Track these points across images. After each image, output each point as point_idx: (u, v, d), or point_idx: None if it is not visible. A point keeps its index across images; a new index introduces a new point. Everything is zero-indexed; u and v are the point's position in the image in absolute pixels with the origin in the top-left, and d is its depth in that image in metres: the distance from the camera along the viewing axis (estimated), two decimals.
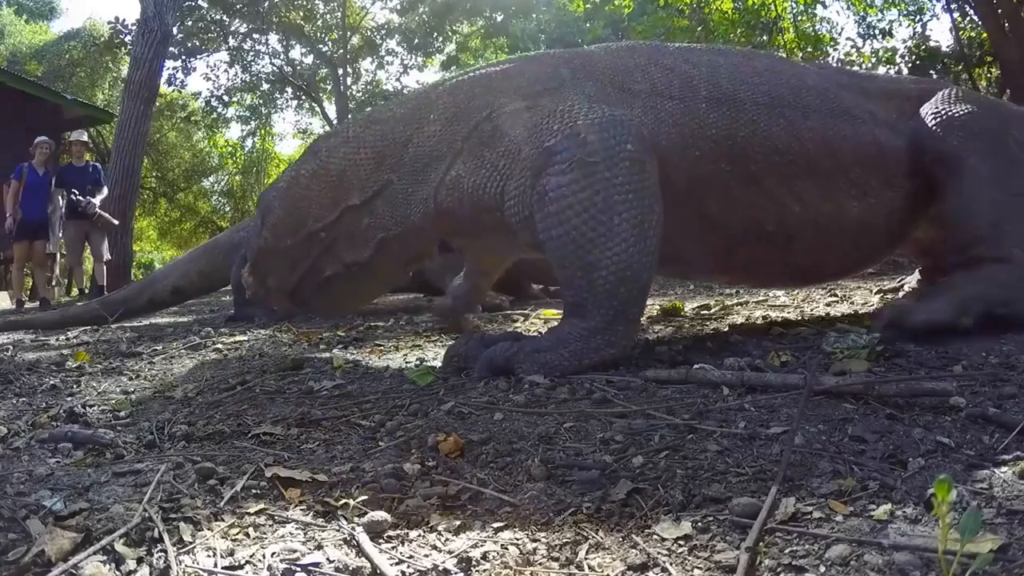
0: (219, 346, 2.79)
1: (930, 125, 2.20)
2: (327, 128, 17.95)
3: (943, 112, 2.22)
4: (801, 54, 9.71)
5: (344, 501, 1.06)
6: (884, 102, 2.32)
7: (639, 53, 2.18)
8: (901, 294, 2.94)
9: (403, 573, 0.86)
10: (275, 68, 19.14)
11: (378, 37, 19.12)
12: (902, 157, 2.22)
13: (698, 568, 0.83)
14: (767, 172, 2.03)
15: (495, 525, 0.97)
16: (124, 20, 15.68)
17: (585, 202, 1.71)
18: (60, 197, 6.72)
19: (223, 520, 1.02)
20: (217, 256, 4.09)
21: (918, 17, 12.46)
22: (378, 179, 2.14)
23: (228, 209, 22.16)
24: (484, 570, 0.86)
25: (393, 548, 0.92)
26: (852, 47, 12.92)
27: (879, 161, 2.18)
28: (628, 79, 2.06)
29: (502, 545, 0.91)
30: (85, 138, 7.68)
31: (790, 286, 3.30)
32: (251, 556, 0.91)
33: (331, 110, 19.14)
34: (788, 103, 2.13)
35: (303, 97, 20.29)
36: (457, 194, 1.97)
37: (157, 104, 11.99)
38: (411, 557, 0.89)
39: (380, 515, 0.99)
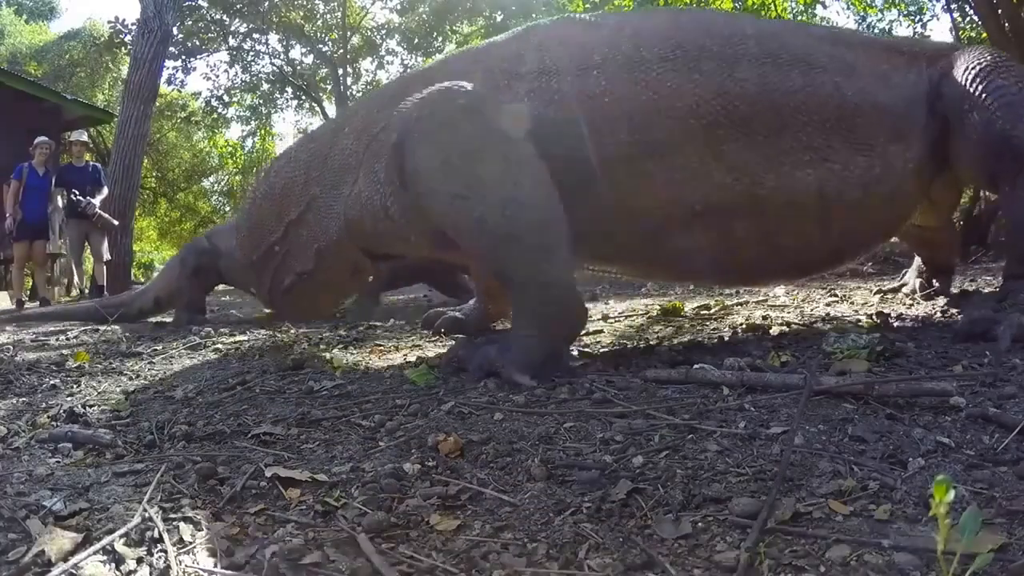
0: (219, 346, 2.79)
1: (968, 76, 1.93)
2: None
3: (988, 63, 1.95)
4: None
5: (344, 501, 1.07)
6: (874, 52, 2.04)
7: (537, 32, 2.04)
8: (903, 292, 2.93)
9: (403, 573, 0.86)
10: (275, 68, 19.14)
11: (378, 37, 19.12)
12: (897, 113, 1.94)
13: (698, 568, 0.83)
14: (683, 139, 1.77)
15: (495, 525, 0.97)
16: (124, 20, 15.68)
17: (448, 161, 1.69)
18: (60, 197, 6.72)
19: (223, 520, 1.02)
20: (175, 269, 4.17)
21: (918, 17, 12.46)
22: (307, 193, 2.19)
23: (228, 209, 22.15)
24: (484, 570, 0.86)
25: (393, 548, 0.92)
26: None
27: (852, 118, 1.88)
28: (517, 63, 1.92)
29: (502, 545, 0.91)
30: (85, 138, 7.68)
31: (750, 282, 2.79)
32: (251, 556, 0.91)
33: (331, 110, 19.13)
34: (710, 54, 1.84)
35: (303, 97, 20.29)
36: (358, 207, 1.98)
37: (157, 104, 11.99)
38: (411, 557, 0.89)
39: (380, 515, 1.00)
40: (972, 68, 1.98)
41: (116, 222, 7.40)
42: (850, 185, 1.86)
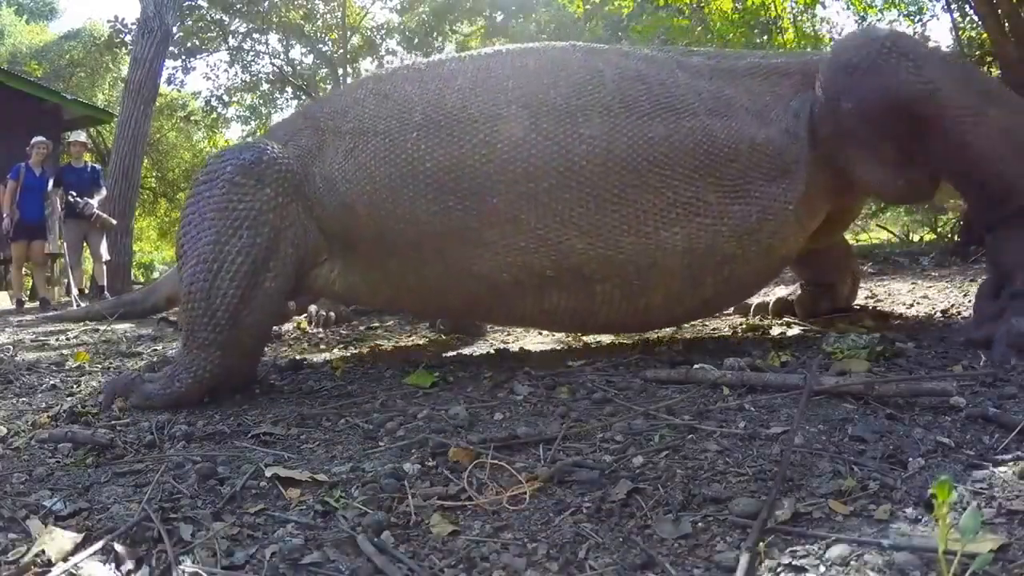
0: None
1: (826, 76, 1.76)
2: None
3: (895, 51, 1.73)
4: None
5: (344, 501, 1.07)
6: (758, 81, 1.89)
7: (368, 83, 1.91)
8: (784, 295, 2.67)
9: (403, 574, 0.86)
10: (275, 68, 19.14)
11: (378, 37, 19.11)
12: (776, 149, 1.77)
13: (698, 568, 0.83)
14: (522, 206, 1.62)
15: (495, 525, 0.97)
16: (123, 19, 15.69)
17: (185, 221, 1.66)
18: (58, 197, 6.72)
19: (223, 520, 1.02)
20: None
21: (918, 17, 12.45)
22: None
23: None
24: (484, 570, 0.86)
25: (393, 548, 0.92)
26: None
27: (725, 164, 1.71)
28: (342, 120, 1.82)
29: (502, 545, 0.91)
30: (84, 138, 7.68)
31: (621, 333, 2.35)
32: (251, 556, 0.91)
33: None
34: (551, 108, 1.67)
35: (303, 97, 20.29)
36: None
37: (157, 104, 11.98)
38: (411, 557, 0.89)
39: (380, 515, 1.00)
40: (829, 66, 1.82)
41: (115, 222, 7.40)
42: (723, 238, 1.71)
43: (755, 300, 2.75)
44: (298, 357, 2.33)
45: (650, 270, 1.69)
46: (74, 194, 6.59)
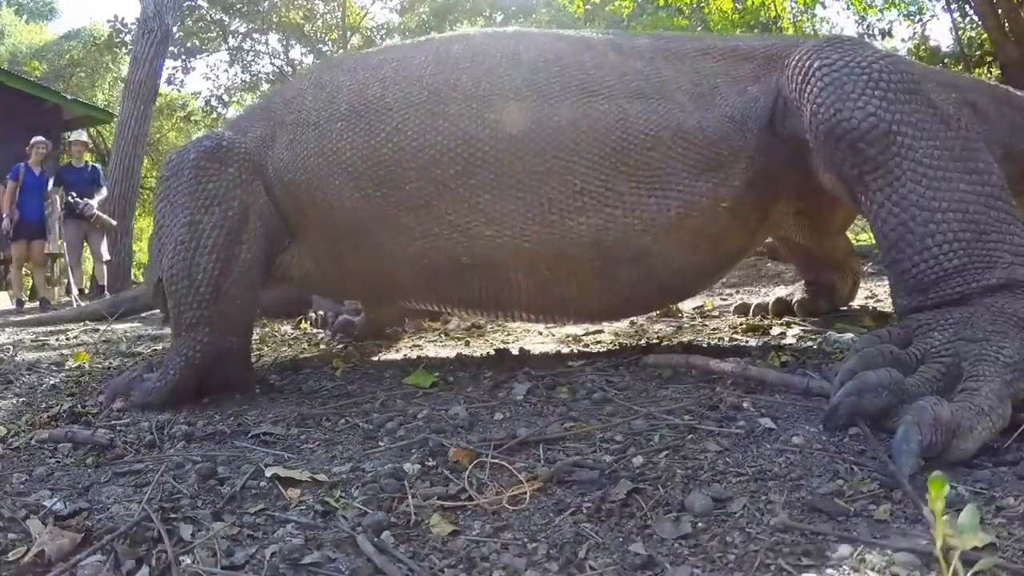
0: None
1: (813, 85, 1.48)
2: None
3: (816, 45, 1.53)
4: None
5: (344, 501, 1.07)
6: (709, 63, 1.73)
7: (310, 74, 1.96)
8: (774, 296, 2.63)
9: (403, 574, 0.86)
10: (275, 68, 19.14)
11: (378, 37, 19.12)
12: (713, 138, 1.63)
13: (698, 568, 0.83)
14: (434, 192, 1.63)
15: (495, 525, 0.97)
16: (123, 19, 15.70)
17: (158, 213, 1.73)
18: (58, 197, 6.73)
19: (223, 520, 1.02)
20: None
21: (918, 17, 12.47)
22: None
23: None
24: (484, 570, 0.86)
25: (393, 548, 0.92)
26: None
27: (642, 152, 1.60)
28: (287, 110, 1.86)
29: (502, 545, 0.91)
30: (85, 138, 7.69)
31: (548, 323, 2.33)
32: (251, 556, 0.91)
33: None
34: (460, 94, 1.65)
35: None
36: None
37: (157, 104, 11.99)
38: (411, 557, 0.89)
39: (380, 515, 1.00)
40: (800, 56, 1.56)
41: (115, 223, 7.41)
42: (635, 232, 1.61)
43: (755, 300, 2.75)
44: (298, 357, 2.33)
45: (558, 261, 1.64)
46: (74, 194, 6.59)
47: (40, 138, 6.88)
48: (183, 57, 17.02)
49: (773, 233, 2.27)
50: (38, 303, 6.50)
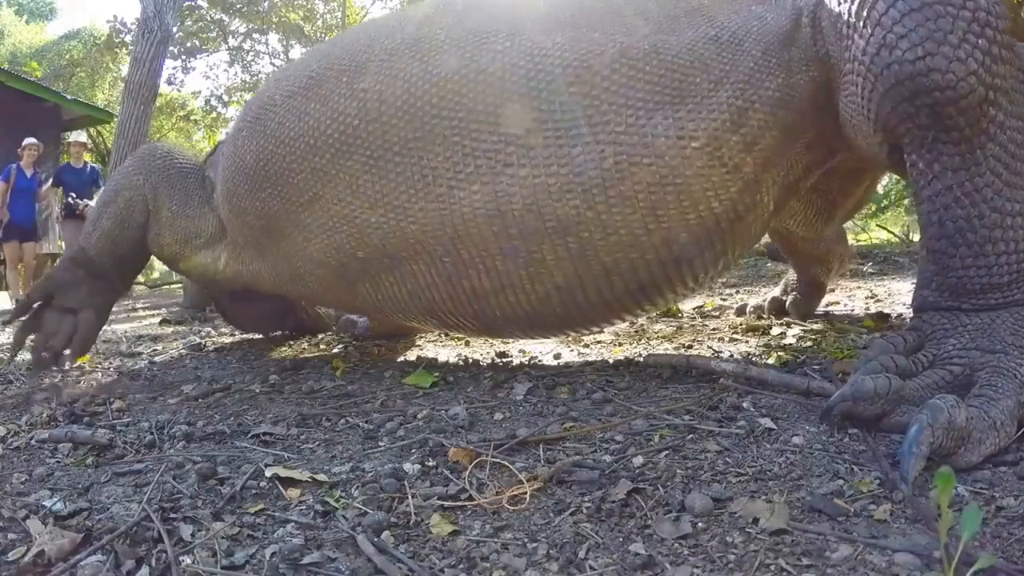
0: (219, 346, 2.79)
1: (891, 6, 1.12)
2: None
3: None
4: None
5: (344, 501, 1.07)
6: None
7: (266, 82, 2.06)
8: (768, 299, 2.54)
9: (403, 574, 0.86)
10: (275, 68, 19.15)
11: None
12: (677, 64, 1.30)
13: (698, 568, 0.83)
14: (319, 181, 1.49)
15: (495, 525, 0.97)
16: (123, 19, 15.71)
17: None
18: (56, 197, 6.75)
19: (223, 520, 1.02)
20: None
21: None
22: None
23: None
24: (484, 570, 0.86)
25: (393, 548, 0.92)
26: None
27: (556, 96, 1.30)
28: (231, 126, 2.08)
29: (502, 545, 0.91)
30: (84, 139, 7.70)
31: (488, 333, 1.90)
32: (251, 556, 0.91)
33: None
34: (338, 69, 1.47)
35: None
36: None
37: (157, 104, 11.98)
38: (411, 557, 0.89)
39: (380, 515, 1.00)
40: None
41: None
42: (552, 195, 1.29)
43: (756, 300, 2.74)
44: (298, 357, 2.33)
45: (454, 243, 1.37)
46: (73, 195, 6.60)
47: (31, 140, 6.89)
48: (183, 57, 17.02)
49: (793, 210, 1.81)
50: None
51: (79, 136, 7.70)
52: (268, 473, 1.17)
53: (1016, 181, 1.13)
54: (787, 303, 2.46)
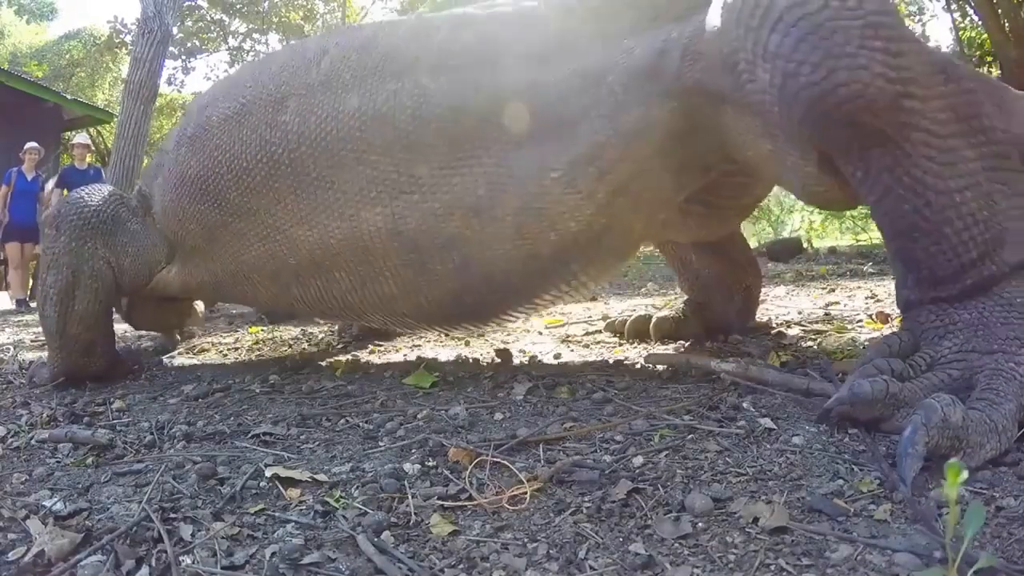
0: (219, 346, 2.79)
1: (784, 35, 1.13)
2: None
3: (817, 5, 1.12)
4: None
5: (344, 501, 1.07)
6: (569, 20, 1.46)
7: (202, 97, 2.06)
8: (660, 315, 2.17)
9: (403, 574, 0.86)
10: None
11: None
12: (544, 100, 1.40)
13: (698, 568, 0.83)
14: (252, 197, 1.67)
15: (495, 525, 0.97)
16: (123, 20, 15.71)
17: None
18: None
19: (223, 520, 1.02)
20: None
21: (918, 17, 12.47)
22: None
23: None
24: (484, 570, 0.86)
25: (393, 548, 0.92)
26: None
27: (444, 130, 1.45)
28: (167, 142, 2.00)
29: (502, 545, 0.91)
30: (87, 140, 7.74)
31: (397, 326, 2.02)
32: (251, 556, 0.91)
33: None
34: (261, 101, 1.64)
35: None
36: None
37: (157, 104, 11.98)
38: (411, 557, 0.89)
39: (380, 515, 1.00)
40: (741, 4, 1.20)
41: None
42: (436, 217, 1.48)
43: (619, 317, 2.42)
44: (298, 357, 2.33)
45: (366, 255, 1.57)
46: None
47: (33, 144, 7.04)
48: (183, 57, 17.02)
49: (669, 222, 1.73)
50: (14, 303, 6.57)
51: (82, 138, 7.72)
52: (268, 473, 1.17)
53: (950, 157, 1.13)
54: (652, 322, 2.13)
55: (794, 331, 2.22)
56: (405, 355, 2.34)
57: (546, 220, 1.43)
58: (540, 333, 2.66)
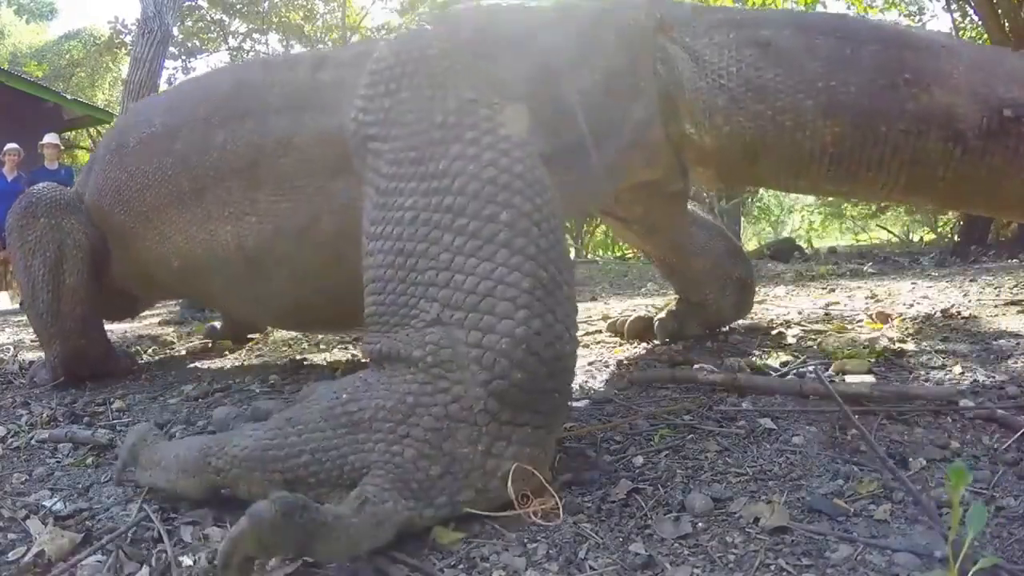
0: (219, 346, 2.79)
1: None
2: None
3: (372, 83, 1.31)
4: None
5: None
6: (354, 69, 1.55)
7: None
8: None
9: (403, 574, 0.86)
10: None
11: (378, 37, 19.12)
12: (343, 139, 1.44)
13: (698, 568, 0.83)
14: (147, 208, 1.92)
15: (495, 525, 0.97)
16: (123, 20, 15.71)
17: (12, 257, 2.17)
18: None
19: (223, 520, 1.02)
20: None
21: (918, 17, 12.47)
22: None
23: None
24: (484, 570, 0.86)
25: (395, 549, 0.92)
26: None
27: (276, 161, 1.66)
28: (100, 148, 2.19)
29: (502, 545, 0.91)
30: (56, 141, 7.75)
31: (269, 324, 2.52)
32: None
33: None
34: (164, 132, 1.89)
35: None
36: None
37: None
38: (412, 557, 0.89)
39: None
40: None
41: None
42: (267, 237, 1.67)
43: (620, 317, 2.42)
44: (298, 357, 2.33)
45: (227, 264, 1.78)
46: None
47: (13, 145, 7.08)
48: (183, 57, 17.00)
49: None
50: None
51: (51, 138, 7.73)
52: None
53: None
54: (655, 323, 2.16)
55: (794, 331, 2.22)
56: None
57: (353, 247, 1.49)
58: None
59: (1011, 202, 1.49)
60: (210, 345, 2.76)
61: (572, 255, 12.74)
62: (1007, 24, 6.84)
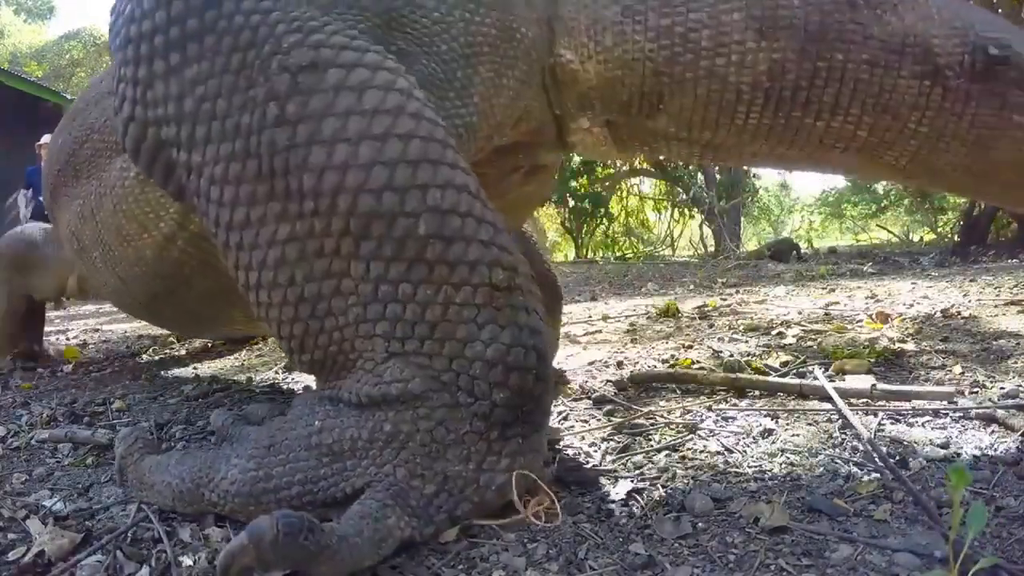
0: (218, 345, 2.79)
1: None
2: None
3: None
4: None
5: None
6: None
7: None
8: None
9: (403, 574, 0.86)
10: None
11: None
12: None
13: (698, 568, 0.83)
14: (80, 223, 1.83)
15: (495, 525, 0.97)
16: None
17: None
18: (24, 199, 6.84)
19: (223, 520, 1.02)
20: None
21: None
22: None
23: None
24: (484, 570, 0.86)
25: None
26: None
27: (82, 146, 1.73)
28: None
29: (502, 545, 0.91)
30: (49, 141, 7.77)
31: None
32: None
33: None
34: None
35: None
36: None
37: None
38: (411, 558, 0.89)
39: None
40: None
41: None
42: (82, 221, 1.72)
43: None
44: None
45: (110, 269, 1.75)
46: (41, 197, 6.65)
47: (48, 138, 7.04)
48: None
49: None
50: None
51: (45, 139, 7.76)
52: None
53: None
54: None
55: (794, 331, 2.22)
56: None
57: (144, 225, 1.49)
58: None
59: (1000, 171, 1.17)
60: (210, 345, 2.76)
61: (572, 255, 12.73)
62: None
